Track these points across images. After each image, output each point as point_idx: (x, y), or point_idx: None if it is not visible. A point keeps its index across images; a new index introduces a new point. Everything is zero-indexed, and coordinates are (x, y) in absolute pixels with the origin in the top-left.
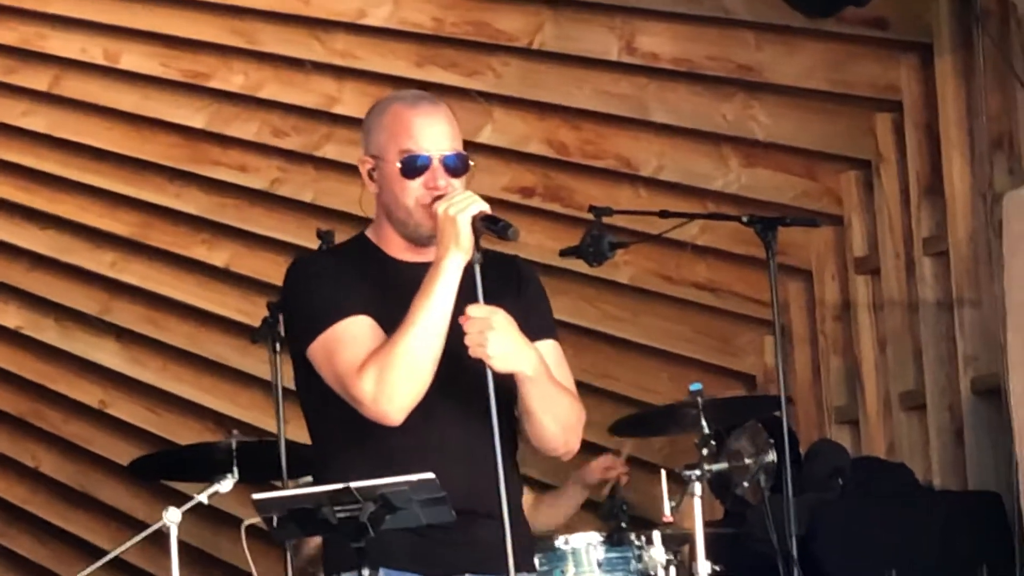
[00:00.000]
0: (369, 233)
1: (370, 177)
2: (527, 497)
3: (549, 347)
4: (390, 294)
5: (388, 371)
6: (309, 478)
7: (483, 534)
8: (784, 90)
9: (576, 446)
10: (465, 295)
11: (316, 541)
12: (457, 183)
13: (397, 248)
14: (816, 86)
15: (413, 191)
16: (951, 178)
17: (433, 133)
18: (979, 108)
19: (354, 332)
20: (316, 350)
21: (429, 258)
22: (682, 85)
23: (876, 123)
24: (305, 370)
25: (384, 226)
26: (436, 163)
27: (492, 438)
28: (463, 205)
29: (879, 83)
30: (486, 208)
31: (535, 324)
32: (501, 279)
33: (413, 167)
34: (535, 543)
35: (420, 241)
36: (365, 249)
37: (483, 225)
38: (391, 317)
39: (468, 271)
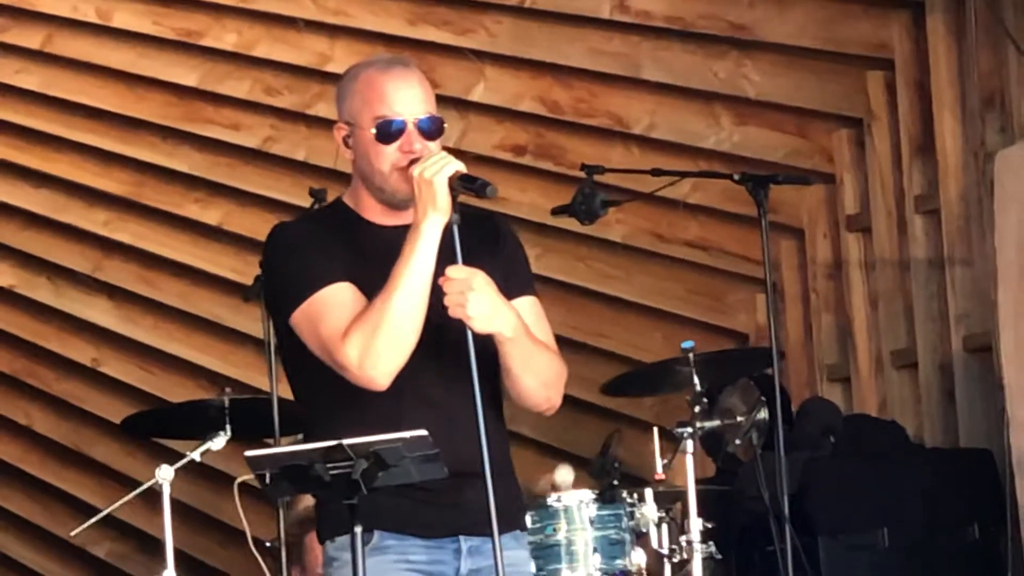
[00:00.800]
0: (346, 199)
1: (345, 144)
2: None
3: (528, 303)
4: (370, 259)
5: (372, 336)
6: (301, 436)
7: (472, 495)
8: (776, 48)
9: (558, 401)
10: (444, 256)
11: (306, 502)
12: (433, 146)
13: (375, 212)
14: (808, 44)
15: (388, 156)
16: (943, 136)
17: (406, 97)
18: (971, 66)
19: (336, 299)
20: (299, 318)
21: (407, 220)
22: (674, 43)
23: (868, 81)
24: (288, 338)
25: (361, 191)
26: (410, 127)
27: (471, 397)
28: (439, 166)
29: (871, 41)
30: (462, 168)
31: (514, 281)
32: (479, 237)
33: (388, 132)
34: (523, 501)
35: (397, 206)
36: (343, 215)
37: (460, 185)
38: (372, 282)
39: (447, 232)
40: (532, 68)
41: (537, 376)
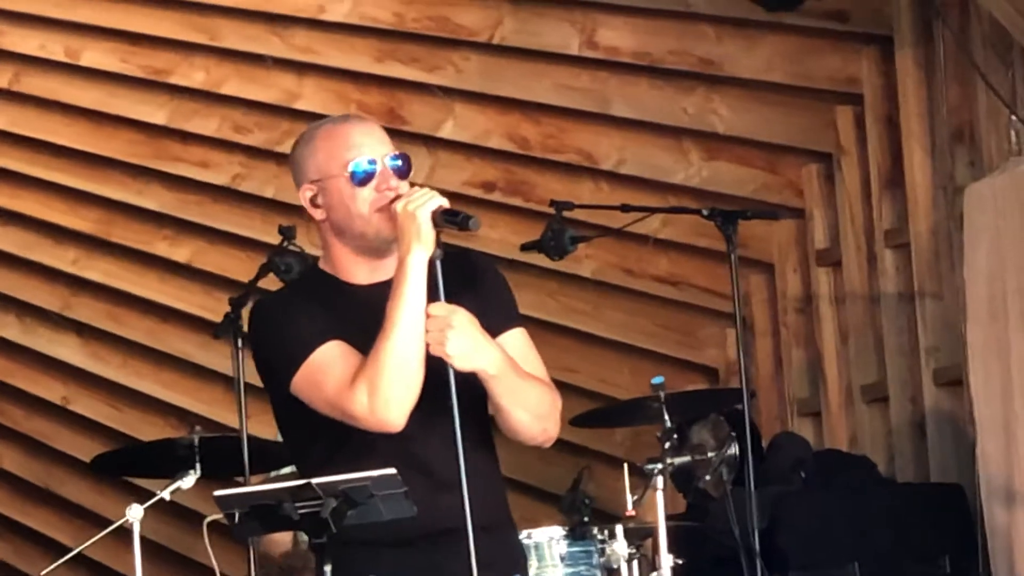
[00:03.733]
0: (322, 264)
1: (313, 204)
2: None
3: (516, 335)
4: (353, 320)
5: (379, 380)
6: (271, 474)
7: (476, 543)
8: (745, 83)
9: (555, 432)
10: (427, 292)
11: (281, 549)
12: (404, 185)
13: (353, 272)
14: (777, 79)
15: (366, 198)
16: (912, 170)
17: (371, 140)
18: (940, 101)
19: (333, 356)
20: (300, 383)
21: (387, 276)
22: (643, 79)
23: (837, 116)
24: (287, 409)
25: (337, 252)
26: (382, 166)
27: (467, 444)
28: (422, 201)
29: (840, 76)
30: (445, 203)
31: (499, 314)
32: (459, 275)
33: (362, 174)
34: (522, 547)
35: (381, 249)
36: (321, 280)
37: (443, 219)
38: (358, 342)
39: (429, 267)
40: (501, 104)
41: (528, 410)
